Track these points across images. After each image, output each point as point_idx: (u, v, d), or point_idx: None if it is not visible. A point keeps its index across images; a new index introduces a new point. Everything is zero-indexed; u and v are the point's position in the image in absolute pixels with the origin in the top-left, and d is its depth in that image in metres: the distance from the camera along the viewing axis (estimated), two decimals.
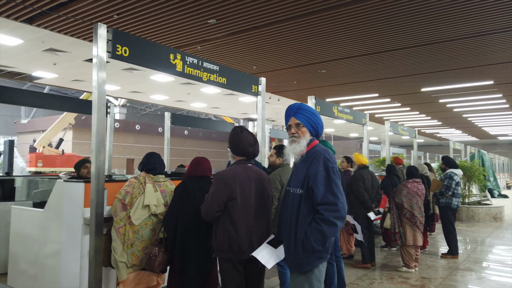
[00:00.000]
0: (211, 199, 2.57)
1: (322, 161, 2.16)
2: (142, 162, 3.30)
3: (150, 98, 15.82)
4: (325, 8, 6.36)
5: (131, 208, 3.00)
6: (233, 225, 2.54)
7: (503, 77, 10.82)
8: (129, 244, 2.97)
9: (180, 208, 2.90)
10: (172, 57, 3.59)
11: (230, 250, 2.54)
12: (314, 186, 2.11)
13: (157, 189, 3.14)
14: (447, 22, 6.85)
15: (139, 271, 3.04)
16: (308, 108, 2.37)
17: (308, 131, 2.32)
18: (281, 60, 9.47)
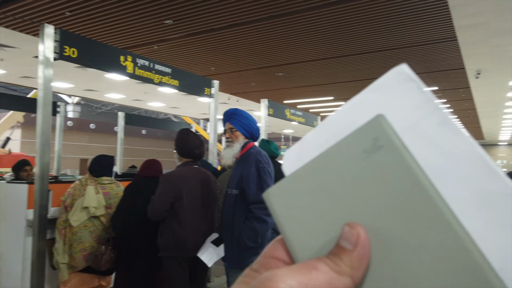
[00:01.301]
0: (157, 199, 2.64)
1: (254, 162, 2.32)
2: (89, 164, 3.30)
3: (105, 97, 15.40)
4: (283, 14, 6.57)
5: (71, 210, 3.00)
6: (179, 225, 2.63)
7: (447, 83, 11.62)
8: (68, 245, 2.97)
9: (129, 207, 2.94)
10: (123, 58, 3.60)
11: (175, 248, 2.63)
12: (246, 186, 2.26)
13: (99, 191, 3.12)
14: (398, 30, 7.31)
15: (81, 273, 3.03)
16: (241, 113, 2.52)
17: (242, 135, 2.47)
18: (239, 62, 9.61)
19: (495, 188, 0.24)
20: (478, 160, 0.25)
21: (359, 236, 0.26)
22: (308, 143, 0.31)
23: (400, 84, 0.29)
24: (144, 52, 8.65)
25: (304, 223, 0.29)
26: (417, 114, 0.27)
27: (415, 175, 0.26)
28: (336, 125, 0.30)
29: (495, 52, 8.05)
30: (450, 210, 0.25)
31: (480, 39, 7.24)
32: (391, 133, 0.27)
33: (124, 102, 16.52)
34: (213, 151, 4.46)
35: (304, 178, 0.29)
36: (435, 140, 0.26)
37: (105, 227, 3.05)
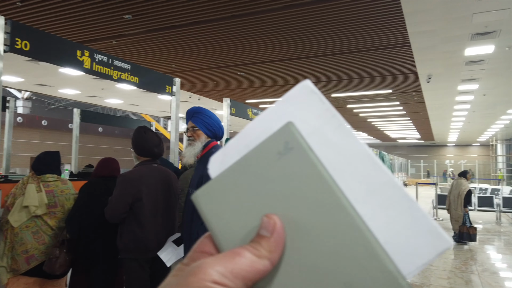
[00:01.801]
0: (116, 201, 2.57)
1: None
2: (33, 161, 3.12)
3: (59, 93, 14.68)
4: (245, 14, 6.60)
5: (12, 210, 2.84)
6: (139, 226, 2.58)
7: (400, 86, 12.17)
8: (10, 247, 2.81)
9: (84, 208, 2.85)
10: (79, 53, 3.47)
11: (136, 250, 2.58)
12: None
13: (41, 189, 2.94)
14: (355, 35, 7.56)
15: (25, 276, 2.84)
16: (204, 111, 2.51)
17: (204, 134, 2.46)
18: (201, 60, 9.54)
19: (378, 179, 0.31)
20: (366, 157, 0.32)
21: (275, 224, 0.31)
22: (231, 149, 0.36)
23: (305, 96, 0.35)
24: (102, 47, 8.37)
25: (228, 219, 0.33)
26: (319, 121, 0.34)
27: (319, 171, 0.32)
28: (254, 132, 0.35)
29: (444, 58, 8.56)
30: (346, 198, 0.31)
31: (430, 45, 7.67)
32: (299, 137, 0.33)
33: (80, 98, 15.83)
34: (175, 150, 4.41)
35: (227, 180, 0.34)
36: (333, 142, 0.33)
37: (50, 227, 2.91)
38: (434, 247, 0.29)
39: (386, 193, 0.31)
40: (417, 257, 0.29)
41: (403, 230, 0.30)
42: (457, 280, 5.21)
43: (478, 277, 5.29)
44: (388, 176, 0.31)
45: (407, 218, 0.30)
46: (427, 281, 5.04)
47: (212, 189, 0.35)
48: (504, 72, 9.69)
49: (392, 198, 0.31)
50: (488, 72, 9.68)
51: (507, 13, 6.06)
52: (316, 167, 0.32)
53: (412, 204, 0.30)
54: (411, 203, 0.30)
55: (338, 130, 0.33)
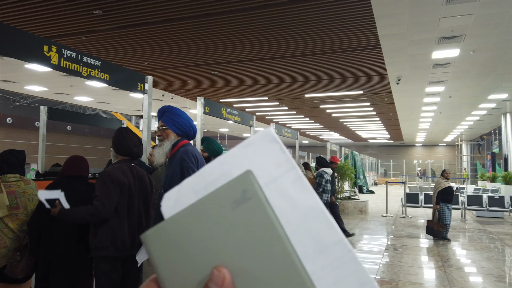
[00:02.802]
0: (108, 203, 2.52)
1: (179, 161, 2.31)
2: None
3: (25, 89, 14.14)
4: (219, 12, 6.56)
5: None
6: (118, 222, 2.57)
7: (371, 88, 12.46)
8: None
9: (46, 209, 2.75)
10: (46, 48, 3.34)
11: (113, 246, 2.55)
12: (168, 186, 2.25)
13: (2, 190, 2.82)
14: (327, 36, 7.67)
15: None
16: (173, 110, 2.49)
17: (173, 133, 2.45)
18: (174, 58, 9.42)
19: (330, 238, 0.32)
20: (320, 214, 0.32)
21: (224, 279, 0.30)
22: (187, 188, 0.36)
23: (266, 143, 0.35)
24: (71, 43, 8.11)
25: (177, 265, 0.32)
26: (278, 171, 0.34)
27: (273, 225, 0.31)
28: (212, 174, 0.35)
29: (412, 61, 8.83)
30: (296, 254, 0.31)
31: (400, 48, 7.89)
32: (257, 188, 0.33)
33: (47, 95, 15.30)
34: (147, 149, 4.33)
35: (180, 223, 0.33)
36: (290, 195, 0.33)
37: (12, 230, 2.78)
38: None
39: (336, 253, 0.31)
40: None
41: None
42: (424, 275, 5.39)
43: (444, 272, 5.49)
44: (340, 236, 0.31)
45: (354, 281, 0.30)
46: (396, 277, 5.19)
47: (163, 231, 0.33)
48: (468, 75, 10.11)
49: (342, 259, 0.31)
50: (453, 75, 10.07)
51: (472, 19, 6.33)
52: (271, 220, 0.31)
53: (360, 268, 0.31)
54: (359, 267, 0.31)
55: (296, 183, 0.33)
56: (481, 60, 8.70)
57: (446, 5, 5.84)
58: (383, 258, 6.23)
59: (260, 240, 0.31)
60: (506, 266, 6.02)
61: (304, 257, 0.31)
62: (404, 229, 9.08)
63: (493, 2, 5.74)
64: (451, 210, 7.87)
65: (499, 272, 5.52)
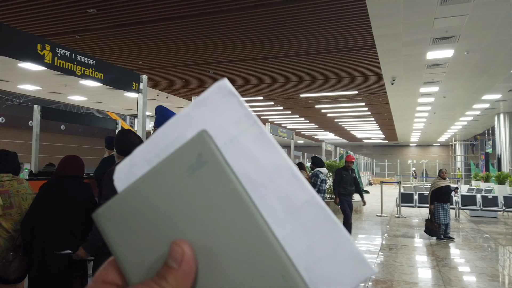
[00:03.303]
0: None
1: None
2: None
3: (18, 88, 14.02)
4: (214, 12, 6.54)
5: None
6: None
7: (366, 88, 12.50)
8: None
9: (39, 210, 2.72)
10: (40, 47, 3.31)
11: None
12: None
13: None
14: (323, 36, 7.68)
15: None
16: (159, 111, 2.50)
17: None
18: (169, 58, 9.38)
19: (300, 197, 0.28)
20: (288, 172, 0.29)
21: (183, 253, 0.27)
22: (139, 158, 0.32)
23: (222, 98, 0.31)
24: (65, 42, 8.05)
25: (135, 243, 0.29)
26: (237, 128, 0.30)
27: (235, 189, 0.28)
28: (165, 139, 0.31)
29: (406, 61, 8.87)
30: (264, 220, 0.28)
31: (394, 48, 7.92)
32: (214, 149, 0.29)
33: (40, 94, 15.18)
34: None
35: (133, 197, 0.30)
36: (252, 154, 0.29)
37: (6, 230, 2.75)
38: (357, 274, 0.27)
39: (308, 213, 0.28)
40: (339, 284, 0.27)
41: (325, 256, 0.27)
42: (418, 275, 5.41)
43: (438, 272, 5.52)
44: (311, 194, 0.28)
45: (329, 242, 0.28)
46: (390, 277, 5.20)
47: (116, 206, 0.30)
48: (462, 76, 10.17)
49: (315, 219, 0.28)
50: (447, 76, 10.12)
51: (466, 19, 6.36)
52: (232, 184, 0.28)
53: (335, 227, 0.28)
54: (334, 226, 0.28)
55: (258, 140, 0.29)
56: (475, 61, 8.75)
57: (441, 6, 5.87)
58: (378, 258, 6.25)
59: (221, 208, 0.28)
60: (499, 265, 6.06)
61: (272, 222, 0.28)
62: (398, 229, 9.11)
63: (487, 3, 5.78)
64: (447, 210, 7.80)
65: (493, 271, 5.56)
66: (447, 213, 7.78)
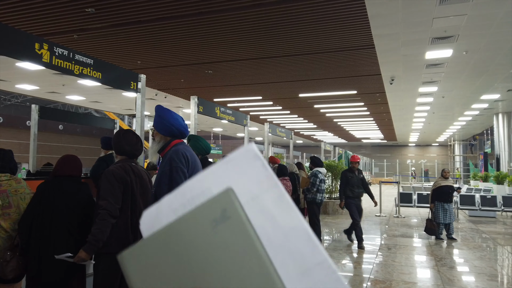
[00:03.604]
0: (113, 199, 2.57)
1: (168, 161, 2.35)
2: None
3: (16, 88, 13.97)
4: (212, 11, 6.53)
5: None
6: (122, 219, 2.61)
7: (365, 88, 12.50)
8: None
9: (37, 210, 2.70)
10: (38, 46, 3.29)
11: (116, 243, 2.58)
12: (157, 186, 2.29)
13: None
14: (322, 36, 7.67)
15: None
16: (158, 111, 2.53)
17: (159, 134, 2.50)
18: (167, 57, 9.36)
19: (314, 259, 0.30)
20: (303, 234, 0.30)
21: None
22: (166, 206, 0.34)
23: (248, 160, 0.33)
24: (63, 41, 8.03)
25: (155, 287, 0.30)
26: (260, 188, 0.32)
27: (254, 245, 0.30)
28: (192, 191, 0.33)
29: (406, 61, 8.86)
30: (278, 276, 0.29)
31: (393, 48, 7.92)
32: (238, 206, 0.31)
33: (38, 94, 15.13)
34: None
35: (158, 243, 0.31)
36: (272, 214, 0.31)
37: (4, 229, 2.73)
38: None
39: (320, 274, 0.30)
40: None
41: None
42: (417, 275, 5.40)
43: (437, 271, 5.51)
44: (324, 256, 0.30)
45: None
46: (389, 277, 5.20)
47: (141, 250, 0.32)
48: (461, 76, 10.18)
49: (325, 280, 0.29)
50: (446, 75, 10.13)
51: (465, 19, 6.36)
52: (252, 240, 0.30)
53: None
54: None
55: (278, 201, 0.31)
56: (473, 61, 8.76)
57: (439, 6, 5.86)
58: (376, 258, 6.25)
59: (240, 261, 0.29)
60: (498, 265, 6.06)
61: (286, 279, 0.29)
62: (397, 229, 9.11)
63: (486, 3, 5.78)
64: (447, 210, 7.74)
65: (492, 271, 5.56)
66: (447, 213, 7.73)
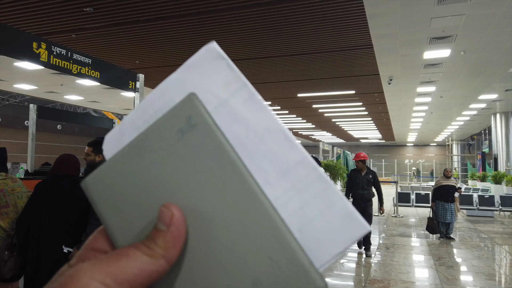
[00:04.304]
0: None
1: None
2: None
3: (14, 88, 13.94)
4: (210, 11, 6.52)
5: None
6: None
7: (363, 88, 12.52)
8: None
9: (34, 209, 2.69)
10: (36, 45, 3.29)
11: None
12: None
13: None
14: (320, 36, 7.67)
15: None
16: None
17: None
18: (166, 57, 9.35)
19: (292, 158, 0.28)
20: (279, 133, 0.28)
21: (172, 216, 0.26)
22: (128, 125, 0.31)
23: (211, 62, 0.30)
24: (61, 41, 8.01)
25: (124, 210, 0.28)
26: (227, 91, 0.29)
27: (225, 151, 0.27)
28: (154, 106, 0.31)
29: (403, 61, 8.88)
30: (255, 181, 0.27)
31: (391, 48, 7.93)
32: (203, 111, 0.28)
33: (37, 94, 15.11)
34: None
35: (122, 163, 0.29)
36: (242, 116, 0.29)
37: (3, 229, 2.73)
38: (351, 233, 0.27)
39: (300, 173, 0.28)
40: (332, 245, 0.27)
41: (318, 216, 0.27)
42: (415, 274, 5.41)
43: (435, 271, 5.52)
44: (303, 154, 0.28)
45: (323, 202, 0.27)
46: (388, 276, 5.21)
47: (104, 174, 0.29)
48: (459, 76, 10.20)
49: (307, 179, 0.27)
50: (444, 75, 10.15)
51: (463, 19, 6.38)
52: (222, 146, 0.28)
53: (327, 186, 0.27)
54: (326, 185, 0.27)
55: (249, 102, 0.29)
56: (471, 61, 8.78)
57: (438, 6, 5.88)
58: (375, 257, 6.25)
59: (211, 170, 0.27)
60: (496, 264, 6.08)
61: (264, 183, 0.27)
62: (395, 228, 9.13)
63: (483, 3, 5.79)
64: (447, 210, 7.69)
65: (490, 271, 5.57)
66: (447, 212, 7.69)
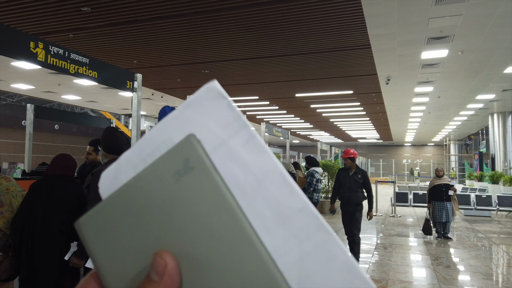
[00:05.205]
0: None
1: None
2: None
3: (12, 87, 13.89)
4: (209, 10, 6.52)
5: None
6: None
7: (361, 88, 12.53)
8: None
9: (29, 209, 2.68)
10: (33, 45, 3.27)
11: None
12: None
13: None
14: (318, 36, 7.68)
15: None
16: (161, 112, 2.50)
17: None
18: (164, 57, 9.33)
19: (293, 205, 0.27)
20: (279, 178, 0.27)
21: (166, 265, 0.26)
22: (124, 163, 0.30)
23: (211, 100, 0.30)
24: (58, 40, 7.99)
25: (117, 254, 0.27)
26: (227, 132, 0.28)
27: (222, 196, 0.26)
28: (152, 144, 0.30)
29: (401, 61, 8.89)
30: (252, 228, 0.26)
31: (389, 48, 7.94)
32: (202, 154, 0.27)
33: (34, 93, 15.06)
34: None
35: (117, 204, 0.28)
36: (242, 159, 0.28)
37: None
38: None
39: (301, 222, 0.26)
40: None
41: (318, 269, 0.26)
42: (413, 274, 5.43)
43: (433, 270, 5.54)
44: (304, 202, 0.27)
45: (324, 254, 0.26)
46: (385, 276, 5.21)
47: (99, 215, 0.28)
48: (456, 76, 10.22)
49: (308, 228, 0.26)
50: (442, 75, 10.17)
51: (460, 19, 6.39)
52: (220, 190, 0.26)
53: (329, 237, 0.26)
54: (328, 236, 0.26)
55: (249, 144, 0.28)
56: (469, 61, 8.80)
57: (435, 6, 5.89)
58: (373, 257, 6.26)
59: (208, 215, 0.26)
60: (493, 264, 6.10)
61: (262, 231, 0.26)
62: (393, 228, 9.14)
63: (481, 4, 5.81)
64: (442, 209, 7.70)
65: (487, 270, 5.59)
66: (443, 211, 7.69)
